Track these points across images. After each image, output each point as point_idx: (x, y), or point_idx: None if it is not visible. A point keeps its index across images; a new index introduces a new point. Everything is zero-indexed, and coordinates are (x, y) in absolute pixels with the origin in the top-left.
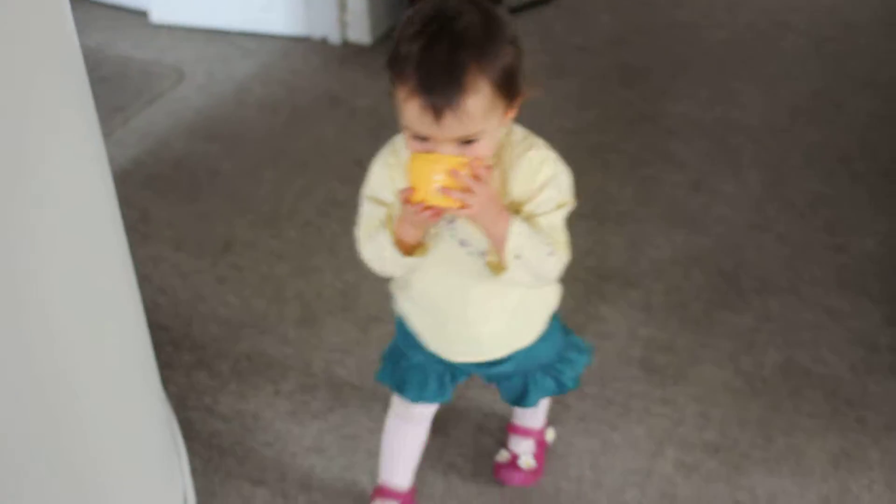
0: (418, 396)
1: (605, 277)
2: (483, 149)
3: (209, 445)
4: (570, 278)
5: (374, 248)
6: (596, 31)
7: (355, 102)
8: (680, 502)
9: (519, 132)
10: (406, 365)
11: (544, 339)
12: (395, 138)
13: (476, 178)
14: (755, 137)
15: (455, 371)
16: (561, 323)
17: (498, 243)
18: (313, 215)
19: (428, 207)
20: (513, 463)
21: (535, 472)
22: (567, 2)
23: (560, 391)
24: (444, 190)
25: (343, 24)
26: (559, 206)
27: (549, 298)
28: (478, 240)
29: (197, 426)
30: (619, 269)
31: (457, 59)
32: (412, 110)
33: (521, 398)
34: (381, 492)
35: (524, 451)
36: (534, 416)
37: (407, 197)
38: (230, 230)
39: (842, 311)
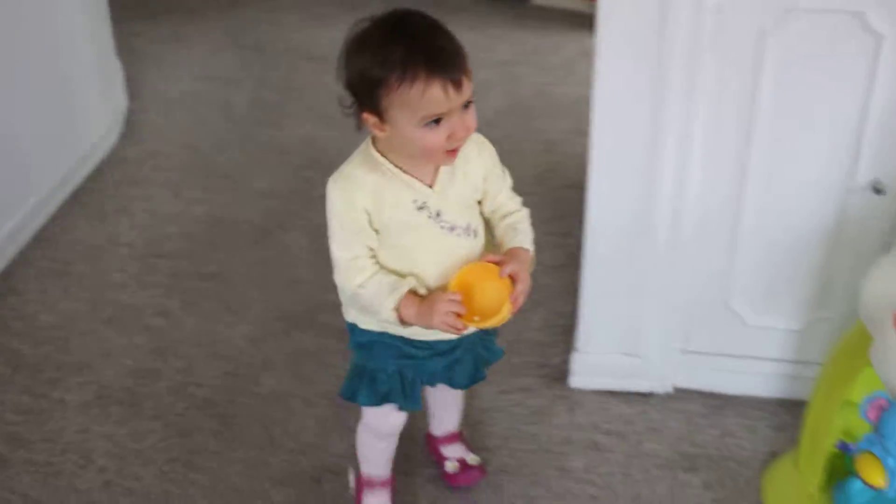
0: (404, 403)
1: None
2: (473, 112)
3: None
4: None
5: (371, 297)
6: None
7: None
8: None
9: None
10: (384, 377)
11: None
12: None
13: (516, 279)
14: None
15: (423, 377)
16: None
17: None
18: None
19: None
20: (464, 466)
21: (483, 466)
22: None
23: (491, 361)
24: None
25: None
26: (504, 170)
27: None
28: (459, 218)
29: None
30: None
31: (443, 36)
32: (434, 94)
33: (474, 376)
34: (369, 482)
35: (463, 452)
36: (453, 417)
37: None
38: None
39: None
